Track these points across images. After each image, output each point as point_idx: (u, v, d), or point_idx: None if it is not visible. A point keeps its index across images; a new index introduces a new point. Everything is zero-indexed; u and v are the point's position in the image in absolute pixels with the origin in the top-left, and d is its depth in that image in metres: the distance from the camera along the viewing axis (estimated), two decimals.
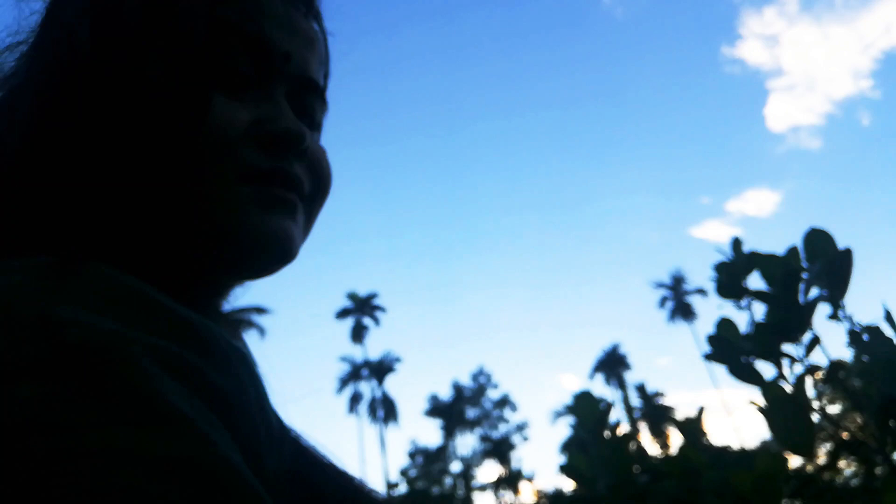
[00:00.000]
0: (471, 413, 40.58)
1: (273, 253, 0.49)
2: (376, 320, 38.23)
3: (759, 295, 1.15)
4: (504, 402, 40.71)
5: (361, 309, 38.07)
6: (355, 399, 37.63)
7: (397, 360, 38.16)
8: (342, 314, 38.18)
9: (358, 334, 37.97)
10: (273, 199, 0.49)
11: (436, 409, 41.08)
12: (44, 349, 0.33)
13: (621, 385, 40.74)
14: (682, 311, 41.07)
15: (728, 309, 1.19)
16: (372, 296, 38.19)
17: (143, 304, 0.38)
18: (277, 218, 0.49)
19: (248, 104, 0.51)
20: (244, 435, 0.38)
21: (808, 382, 1.16)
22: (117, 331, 0.35)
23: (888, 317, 1.17)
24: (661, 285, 41.78)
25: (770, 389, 1.14)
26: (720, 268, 1.19)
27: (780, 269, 1.12)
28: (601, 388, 41.15)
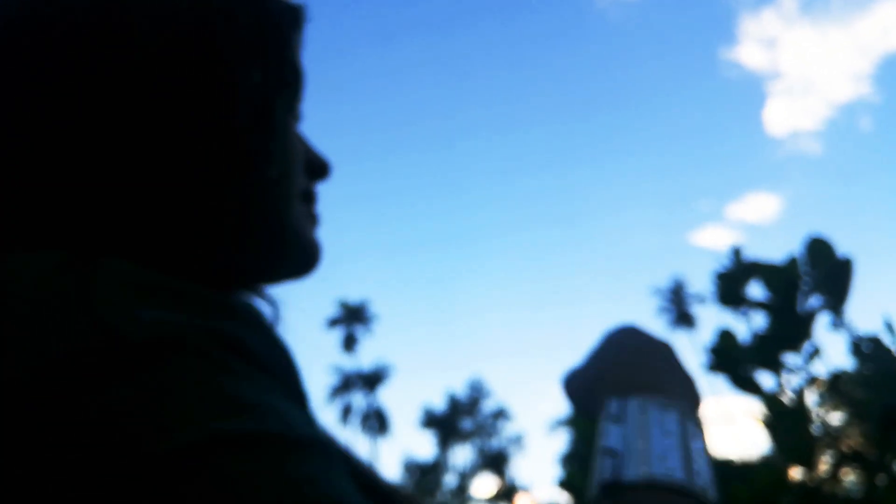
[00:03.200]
0: (466, 424, 40.50)
1: (315, 262, 0.57)
2: (368, 329, 38.20)
3: (759, 304, 1.14)
4: (500, 413, 40.66)
5: (353, 318, 38.03)
6: (347, 411, 37.51)
7: (390, 370, 38.11)
8: (333, 323, 38.13)
9: (349, 344, 37.91)
10: (315, 217, 0.58)
11: (430, 420, 40.98)
12: (109, 348, 0.33)
13: None
14: (682, 318, 41.16)
15: (728, 318, 1.18)
16: (363, 304, 38.18)
17: (180, 293, 0.38)
18: (316, 233, 0.58)
19: None
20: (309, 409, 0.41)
21: (809, 393, 1.15)
22: (171, 321, 0.35)
23: (889, 327, 1.16)
24: (660, 292, 41.91)
25: (771, 401, 1.13)
26: (720, 277, 1.18)
27: (780, 279, 1.11)
28: None
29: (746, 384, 1.16)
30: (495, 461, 39.38)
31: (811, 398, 1.18)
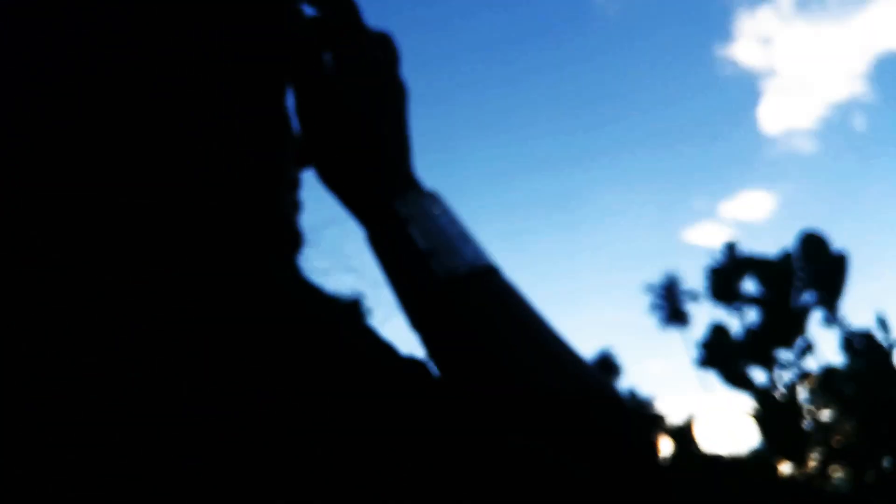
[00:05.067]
0: None
1: (297, 250, 0.57)
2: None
3: (752, 300, 1.14)
4: None
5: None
6: None
7: None
8: None
9: None
10: (298, 204, 0.58)
11: None
12: None
13: None
14: (675, 315, 41.14)
15: (721, 314, 1.18)
16: (357, 298, 38.06)
17: None
18: (299, 221, 0.58)
19: None
20: None
21: (801, 389, 1.15)
22: None
23: (881, 323, 1.16)
24: (653, 289, 41.87)
25: (762, 396, 1.13)
26: (713, 272, 1.18)
27: (774, 274, 1.11)
28: None
29: (738, 379, 1.16)
30: None
31: (802, 394, 1.19)
